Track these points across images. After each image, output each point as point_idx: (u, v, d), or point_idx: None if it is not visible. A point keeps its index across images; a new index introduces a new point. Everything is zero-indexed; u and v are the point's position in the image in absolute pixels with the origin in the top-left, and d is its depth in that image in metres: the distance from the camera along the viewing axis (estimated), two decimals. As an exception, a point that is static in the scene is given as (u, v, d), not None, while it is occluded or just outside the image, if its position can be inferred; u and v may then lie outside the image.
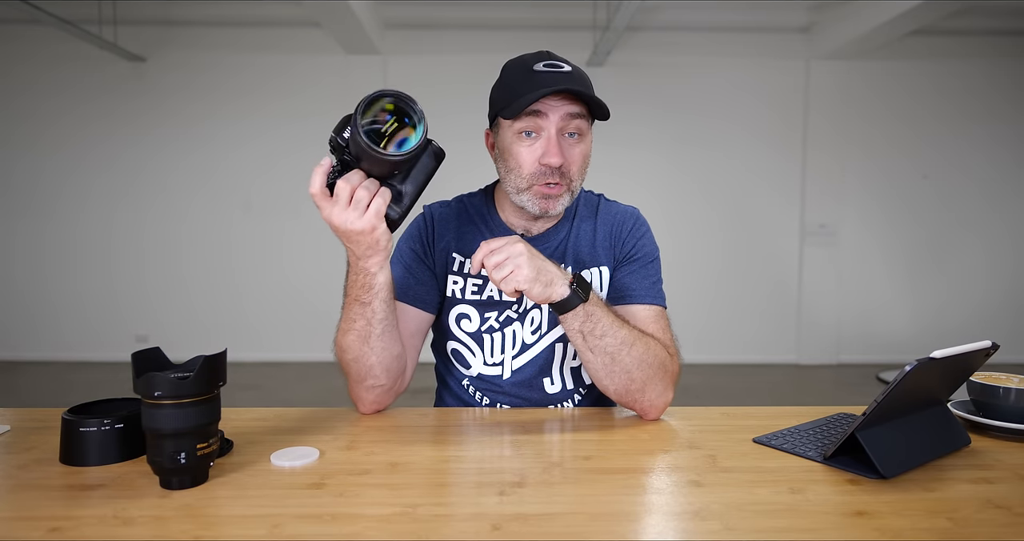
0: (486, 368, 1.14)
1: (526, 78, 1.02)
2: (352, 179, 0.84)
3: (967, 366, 0.92)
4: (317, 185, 0.85)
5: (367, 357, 0.99)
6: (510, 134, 1.04)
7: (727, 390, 4.34)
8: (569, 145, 1.04)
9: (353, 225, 0.85)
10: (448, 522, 0.69)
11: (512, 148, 1.04)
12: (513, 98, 1.01)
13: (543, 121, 1.02)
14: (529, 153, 1.03)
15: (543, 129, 1.02)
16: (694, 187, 4.97)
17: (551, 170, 1.02)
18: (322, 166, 0.85)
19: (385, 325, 0.98)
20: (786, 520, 0.70)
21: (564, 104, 1.02)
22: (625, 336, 0.98)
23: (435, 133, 0.89)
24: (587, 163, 1.08)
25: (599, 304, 0.98)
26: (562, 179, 1.04)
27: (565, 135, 1.04)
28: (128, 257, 4.92)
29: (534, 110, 1.01)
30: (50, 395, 4.07)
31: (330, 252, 4.92)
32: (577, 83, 1.01)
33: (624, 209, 1.19)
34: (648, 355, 1.00)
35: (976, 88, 4.91)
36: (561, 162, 1.02)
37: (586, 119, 1.05)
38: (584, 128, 1.05)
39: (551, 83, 0.99)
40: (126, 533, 0.66)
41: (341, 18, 3.93)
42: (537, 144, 1.03)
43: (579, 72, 1.05)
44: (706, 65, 4.88)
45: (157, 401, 0.73)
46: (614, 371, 0.99)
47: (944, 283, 5.03)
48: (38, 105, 4.81)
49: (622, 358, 0.98)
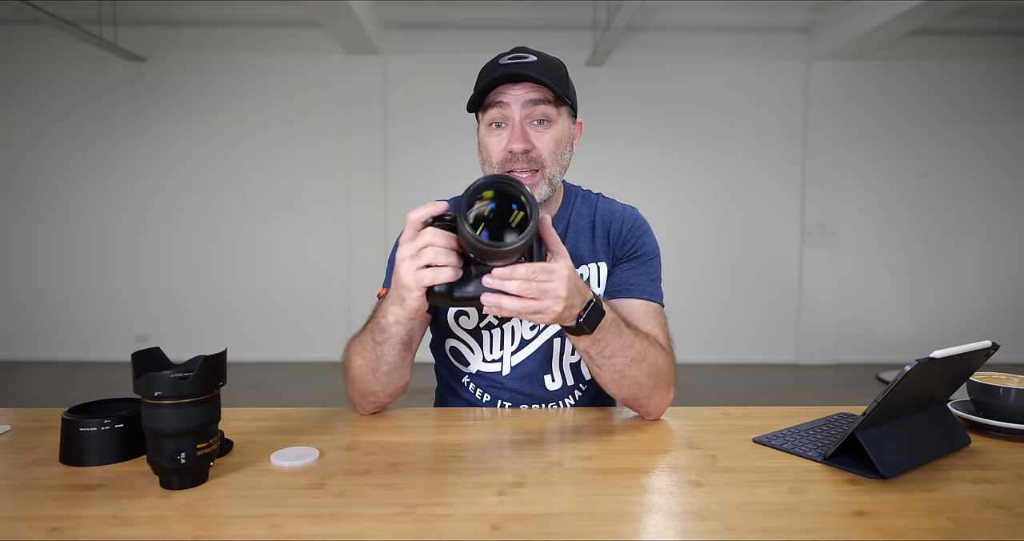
0: (485, 365, 1.14)
1: (491, 71, 1.05)
2: (439, 237, 0.79)
3: (967, 366, 0.92)
4: (419, 213, 0.81)
5: (372, 384, 1.01)
6: (483, 128, 1.08)
7: (727, 390, 4.33)
8: (537, 132, 1.05)
9: (401, 269, 0.81)
10: (448, 522, 0.69)
11: (484, 140, 1.08)
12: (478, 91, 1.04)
13: (507, 111, 1.04)
14: (497, 142, 1.05)
15: (509, 119, 1.04)
16: (694, 187, 4.97)
17: (517, 156, 1.04)
18: (434, 206, 0.81)
19: (392, 366, 0.99)
20: (786, 520, 0.70)
21: (524, 92, 1.03)
22: (635, 354, 0.96)
23: (435, 133, 0.89)
24: (561, 149, 1.07)
25: (610, 330, 0.93)
26: (531, 164, 1.04)
27: (532, 123, 1.05)
28: (128, 257, 4.92)
29: (497, 101, 1.04)
30: (50, 395, 4.07)
31: (330, 252, 4.93)
32: (537, 71, 1.02)
33: (623, 208, 1.20)
34: (657, 366, 0.99)
35: (976, 88, 4.91)
36: (525, 147, 1.03)
37: (552, 105, 1.05)
38: (551, 114, 1.05)
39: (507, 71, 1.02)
40: (126, 533, 0.66)
41: (341, 18, 3.93)
42: (504, 133, 1.05)
43: (546, 61, 1.05)
44: (706, 65, 4.88)
45: (157, 401, 0.73)
46: (623, 384, 0.99)
47: (944, 283, 5.03)
48: (38, 105, 4.81)
49: (632, 373, 0.97)
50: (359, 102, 4.83)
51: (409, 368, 1.04)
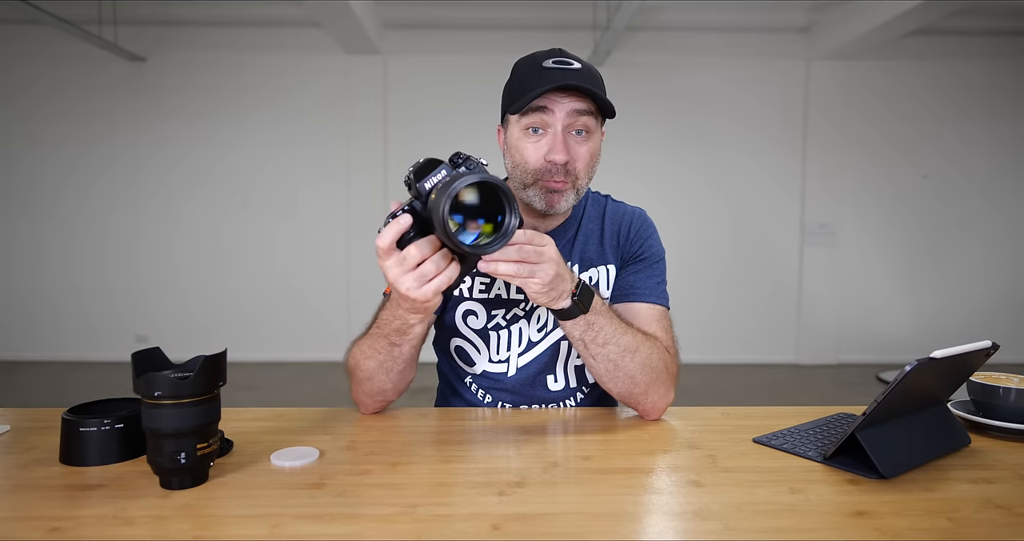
0: (491, 365, 1.14)
1: (535, 74, 1.01)
2: (424, 249, 0.79)
3: (967, 366, 0.92)
4: (387, 240, 0.79)
5: (383, 383, 1.01)
6: (517, 130, 1.04)
7: (727, 390, 4.34)
8: (576, 143, 1.03)
9: (409, 292, 0.81)
10: (448, 522, 0.69)
11: (519, 144, 1.04)
12: (521, 94, 1.01)
13: (549, 117, 1.01)
14: (535, 149, 1.03)
15: (549, 126, 1.02)
16: (694, 187, 4.97)
17: (556, 167, 1.02)
18: (399, 224, 0.79)
19: (408, 363, 0.99)
20: (786, 520, 0.70)
21: (571, 101, 1.01)
22: (628, 343, 0.97)
23: (435, 133, 0.89)
24: (595, 162, 1.06)
25: (602, 313, 0.96)
26: (567, 176, 1.03)
27: (572, 132, 1.03)
28: (128, 257, 4.92)
29: (540, 106, 1.00)
30: (50, 395, 4.07)
31: (330, 252, 4.93)
32: (585, 80, 1.00)
33: (631, 210, 1.20)
34: (651, 360, 0.99)
35: (976, 88, 4.91)
36: (566, 159, 1.01)
37: (594, 117, 1.03)
38: (592, 126, 1.03)
39: (558, 79, 0.99)
40: (126, 533, 0.66)
41: (341, 18, 3.93)
42: (543, 141, 1.02)
43: (589, 69, 1.03)
44: (706, 65, 4.88)
45: (157, 401, 0.73)
46: (617, 376, 0.99)
47: (944, 283, 5.03)
48: (38, 105, 4.81)
49: (625, 364, 0.98)
50: (359, 102, 4.83)
51: (417, 361, 1.04)
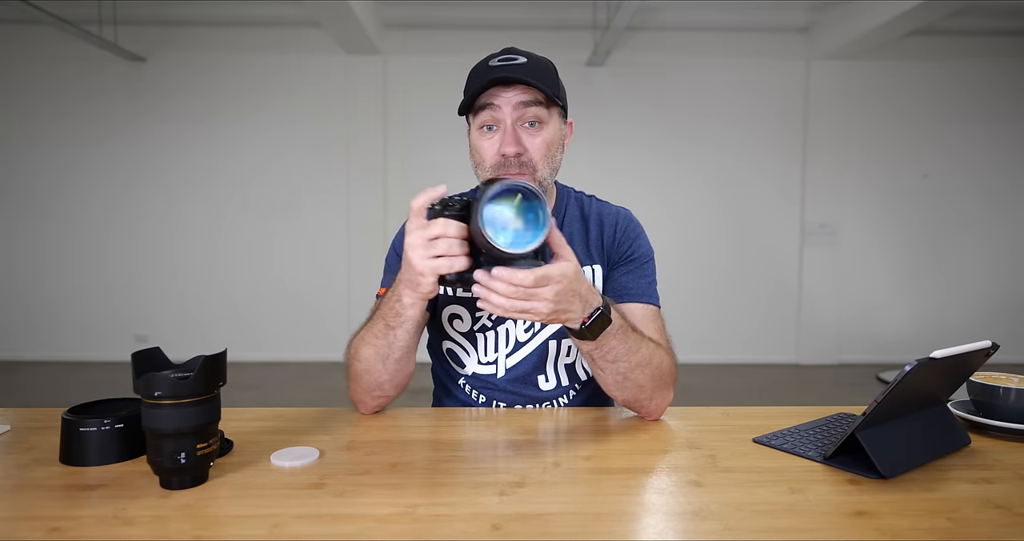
0: (480, 367, 1.15)
1: (481, 74, 1.04)
2: (449, 228, 0.81)
3: (967, 366, 0.92)
4: (420, 201, 0.83)
5: (380, 374, 1.01)
6: (474, 130, 1.07)
7: (727, 390, 4.33)
8: (528, 135, 1.04)
9: (414, 257, 0.83)
10: (448, 522, 0.69)
11: (476, 143, 1.07)
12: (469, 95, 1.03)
13: (498, 113, 1.03)
14: (490, 146, 1.05)
15: (500, 121, 1.04)
16: (694, 187, 4.97)
17: (509, 160, 1.03)
18: (436, 191, 0.82)
19: (405, 352, 0.99)
20: (786, 520, 0.70)
21: (515, 93, 1.02)
22: (640, 359, 0.96)
23: (435, 133, 0.89)
24: (552, 152, 1.07)
25: (616, 336, 0.93)
26: (524, 168, 1.03)
27: (524, 125, 1.04)
28: (128, 257, 4.92)
29: (487, 103, 1.03)
30: (50, 395, 4.07)
31: (330, 252, 4.93)
32: (527, 72, 1.01)
33: (616, 210, 1.20)
34: (660, 369, 0.99)
35: (976, 88, 4.91)
36: (517, 151, 1.02)
37: (544, 107, 1.04)
38: (543, 116, 1.04)
39: (499, 74, 1.01)
40: (126, 533, 0.66)
41: (341, 18, 3.93)
42: (496, 136, 1.04)
43: (537, 62, 1.05)
44: (706, 65, 4.88)
45: (157, 401, 0.73)
46: (625, 386, 0.99)
47: (944, 283, 5.03)
48: (38, 105, 4.81)
49: (635, 376, 0.97)
50: (359, 102, 4.83)
51: (415, 355, 1.04)
